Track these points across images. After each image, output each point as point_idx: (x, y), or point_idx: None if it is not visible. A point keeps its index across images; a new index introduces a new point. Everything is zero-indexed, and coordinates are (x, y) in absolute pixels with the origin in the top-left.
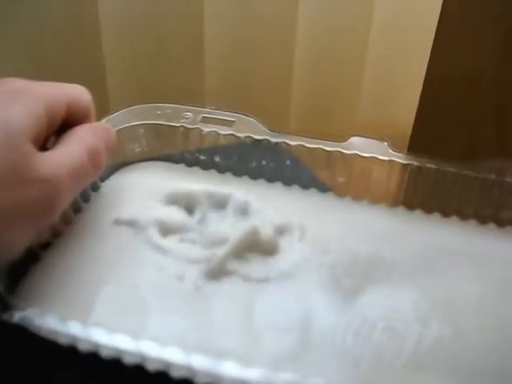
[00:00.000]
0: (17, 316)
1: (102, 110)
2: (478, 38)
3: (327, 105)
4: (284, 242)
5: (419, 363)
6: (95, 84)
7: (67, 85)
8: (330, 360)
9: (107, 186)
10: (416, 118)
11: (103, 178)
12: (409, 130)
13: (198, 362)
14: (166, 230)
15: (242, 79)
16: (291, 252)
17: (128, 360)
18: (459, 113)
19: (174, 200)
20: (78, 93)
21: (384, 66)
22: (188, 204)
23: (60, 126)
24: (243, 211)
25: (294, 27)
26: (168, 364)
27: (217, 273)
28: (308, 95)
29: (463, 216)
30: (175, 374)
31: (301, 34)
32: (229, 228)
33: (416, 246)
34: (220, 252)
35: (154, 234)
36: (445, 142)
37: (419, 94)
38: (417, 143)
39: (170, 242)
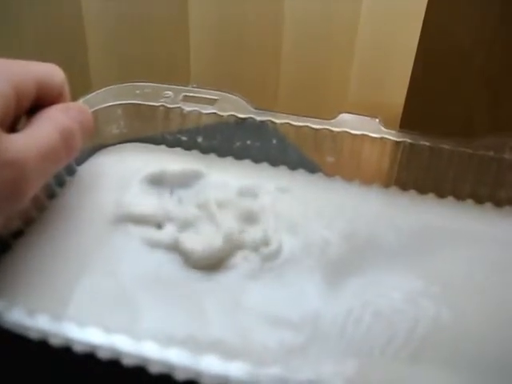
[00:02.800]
0: None
1: (84, 91)
2: (470, 13)
3: (317, 85)
4: (271, 228)
5: (416, 351)
6: (76, 64)
7: (37, 63)
8: (321, 352)
9: (83, 169)
10: (407, 95)
11: (79, 162)
12: (400, 111)
13: (177, 356)
14: (145, 217)
15: (229, 58)
16: (279, 237)
17: (102, 355)
18: (451, 90)
19: (153, 183)
20: (49, 71)
21: (375, 45)
22: (168, 186)
23: (32, 106)
24: (226, 194)
25: (281, 4)
26: (145, 359)
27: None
28: (297, 76)
29: (459, 196)
30: (153, 369)
31: (289, 11)
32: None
33: (410, 228)
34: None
35: (132, 221)
36: (437, 119)
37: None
38: (408, 121)
39: (149, 230)
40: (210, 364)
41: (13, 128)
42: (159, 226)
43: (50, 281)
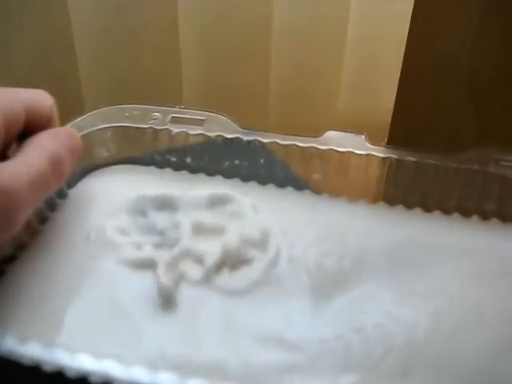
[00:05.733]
0: None
1: (77, 108)
2: (454, 23)
3: (306, 97)
4: (259, 246)
5: (406, 366)
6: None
7: (25, 90)
8: (315, 371)
9: (74, 192)
10: (395, 107)
11: (70, 185)
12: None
13: (167, 381)
14: (138, 240)
15: (218, 77)
16: (267, 256)
17: (94, 380)
18: (438, 101)
19: (145, 205)
20: (36, 97)
21: (363, 55)
22: (161, 207)
23: (21, 132)
24: (216, 212)
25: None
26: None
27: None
28: (286, 88)
29: (446, 209)
30: None
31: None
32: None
33: (398, 243)
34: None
35: (124, 245)
36: (424, 130)
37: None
38: (396, 133)
39: (143, 253)
40: None
41: (2, 155)
42: (154, 249)
43: (41, 306)
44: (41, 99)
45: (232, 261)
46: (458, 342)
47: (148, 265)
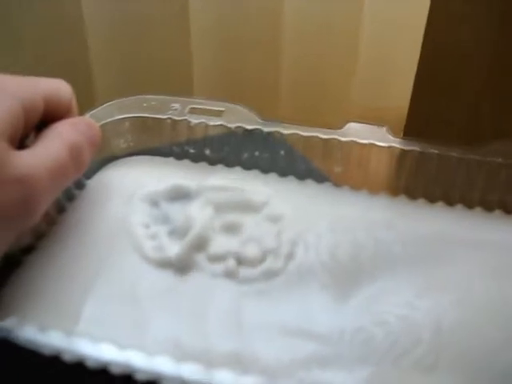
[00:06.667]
0: None
1: (88, 105)
2: (473, 13)
3: (319, 91)
4: (276, 238)
5: (434, 360)
6: (80, 78)
7: (44, 79)
8: (333, 364)
9: (92, 183)
10: (411, 100)
11: (88, 175)
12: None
13: (190, 372)
14: (155, 231)
15: (229, 68)
16: (285, 248)
17: (115, 371)
18: (455, 94)
19: (162, 196)
20: (56, 87)
21: (378, 47)
22: (178, 199)
23: (40, 122)
24: (237, 205)
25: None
26: (158, 374)
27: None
28: (298, 82)
29: (468, 203)
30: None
31: (288, 18)
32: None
33: (420, 237)
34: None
35: (140, 234)
36: (441, 124)
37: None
38: (413, 126)
39: (160, 243)
40: (224, 379)
41: (21, 144)
42: (170, 238)
43: (60, 296)
44: (60, 89)
45: (248, 251)
46: (484, 334)
47: (164, 255)
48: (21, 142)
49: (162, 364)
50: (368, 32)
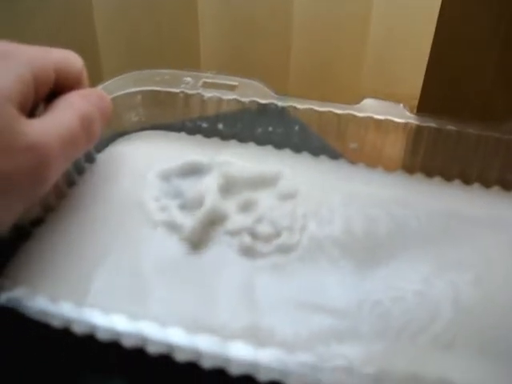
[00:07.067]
0: (4, 297)
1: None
2: None
3: (329, 69)
4: (291, 213)
5: (451, 337)
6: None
7: (56, 49)
8: (350, 339)
9: (103, 157)
10: (424, 83)
11: (99, 149)
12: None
13: (204, 343)
14: (165, 204)
15: (238, 48)
16: (299, 224)
17: (127, 343)
18: (468, 79)
19: (172, 171)
20: (67, 57)
21: (389, 26)
22: (189, 174)
23: (50, 93)
24: (250, 181)
25: None
26: (171, 346)
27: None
28: (308, 66)
29: (486, 182)
30: (179, 357)
31: None
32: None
33: (436, 214)
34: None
35: (152, 208)
36: (454, 106)
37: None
38: (426, 105)
39: (168, 217)
40: (239, 351)
41: (31, 114)
42: (181, 212)
43: (69, 269)
44: (72, 60)
45: (262, 227)
46: (503, 313)
47: (176, 228)
48: (31, 112)
49: (176, 335)
50: (379, 16)
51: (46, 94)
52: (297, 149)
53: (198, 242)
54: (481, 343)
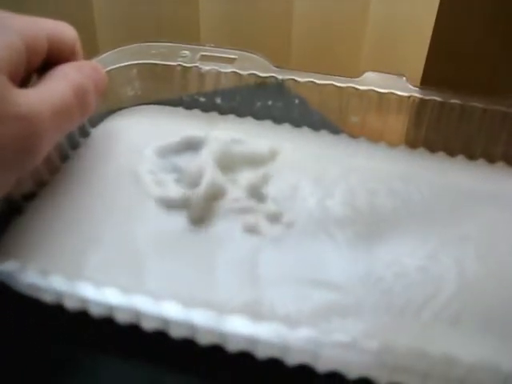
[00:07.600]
0: None
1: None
2: None
3: (330, 44)
4: (291, 188)
5: (457, 313)
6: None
7: (49, 20)
8: (352, 314)
9: (97, 132)
10: (427, 59)
11: (94, 124)
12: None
13: (200, 318)
14: (160, 179)
15: (238, 19)
16: (299, 199)
17: (120, 318)
18: (473, 51)
19: (168, 146)
20: (61, 29)
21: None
22: (185, 149)
23: (43, 64)
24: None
25: None
26: (166, 321)
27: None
28: (309, 36)
29: (491, 157)
30: (174, 332)
31: None
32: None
33: (440, 191)
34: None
35: (147, 182)
36: (458, 78)
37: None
38: (429, 82)
39: (164, 191)
40: (237, 326)
41: (24, 85)
42: (176, 186)
43: (62, 243)
44: (65, 31)
45: (261, 201)
46: (506, 287)
47: (173, 203)
48: (23, 83)
49: (171, 310)
50: None
51: (38, 64)
52: (296, 123)
53: (198, 217)
54: (485, 319)
